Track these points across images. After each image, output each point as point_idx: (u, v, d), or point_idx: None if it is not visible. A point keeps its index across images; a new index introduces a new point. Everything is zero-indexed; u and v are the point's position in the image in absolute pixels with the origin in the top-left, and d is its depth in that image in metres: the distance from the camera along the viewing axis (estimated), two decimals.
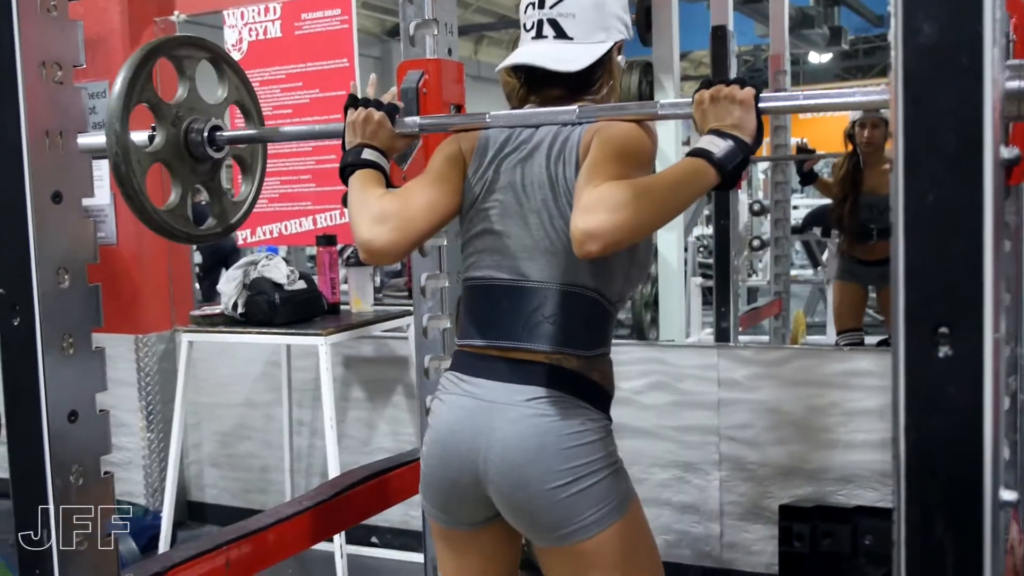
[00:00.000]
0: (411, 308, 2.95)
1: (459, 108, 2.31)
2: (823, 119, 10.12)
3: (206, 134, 1.93)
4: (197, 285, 4.84)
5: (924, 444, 0.97)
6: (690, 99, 1.55)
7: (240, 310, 3.40)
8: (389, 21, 10.80)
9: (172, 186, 1.97)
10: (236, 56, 3.87)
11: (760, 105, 1.47)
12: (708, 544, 3.29)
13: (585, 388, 1.60)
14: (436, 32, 2.29)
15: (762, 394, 3.19)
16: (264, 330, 3.35)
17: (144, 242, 3.88)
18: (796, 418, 3.15)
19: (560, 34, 1.65)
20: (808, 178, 4.98)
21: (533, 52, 1.67)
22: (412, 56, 2.29)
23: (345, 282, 3.90)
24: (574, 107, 1.60)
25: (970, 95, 0.93)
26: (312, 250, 4.11)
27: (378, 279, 5.22)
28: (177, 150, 1.91)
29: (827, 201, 7.01)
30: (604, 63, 1.69)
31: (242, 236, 3.96)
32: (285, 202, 3.82)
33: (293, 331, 3.33)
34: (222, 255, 5.39)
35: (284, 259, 3.65)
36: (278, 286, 3.39)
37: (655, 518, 3.35)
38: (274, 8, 3.80)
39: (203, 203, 2.29)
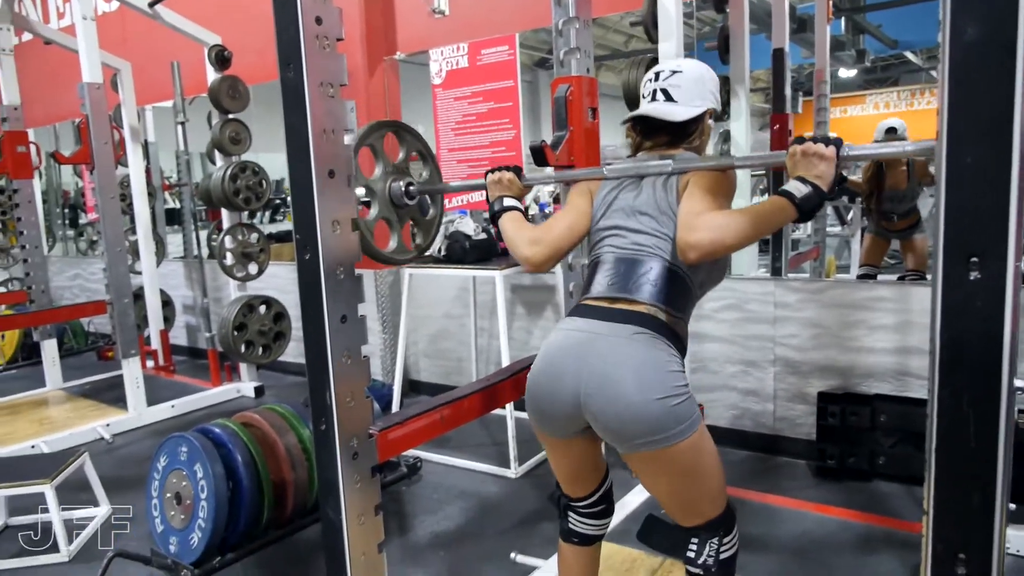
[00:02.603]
0: None
1: (594, 111, 2.25)
2: (853, 121, 9.33)
3: (403, 188, 1.98)
4: None
5: (955, 342, 0.89)
6: (754, 152, 1.43)
7: (443, 253, 3.44)
8: (536, 55, 10.92)
9: (390, 236, 2.03)
10: (437, 81, 3.90)
11: (841, 155, 1.33)
12: (764, 418, 3.18)
13: (671, 334, 1.48)
14: (579, 56, 2.23)
15: (805, 313, 3.05)
16: (459, 266, 3.38)
17: None
18: (831, 330, 3.00)
19: (668, 98, 1.63)
20: (840, 180, 4.69)
21: (648, 108, 1.64)
22: (562, 74, 2.25)
23: None
24: (669, 161, 1.55)
25: (1004, 81, 0.83)
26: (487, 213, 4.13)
27: None
28: (386, 208, 1.96)
29: (853, 177, 6.61)
30: (699, 121, 1.65)
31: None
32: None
33: (478, 267, 3.35)
34: None
35: (471, 219, 3.68)
36: (468, 236, 3.42)
37: (726, 398, 3.28)
38: (462, 47, 3.79)
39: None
